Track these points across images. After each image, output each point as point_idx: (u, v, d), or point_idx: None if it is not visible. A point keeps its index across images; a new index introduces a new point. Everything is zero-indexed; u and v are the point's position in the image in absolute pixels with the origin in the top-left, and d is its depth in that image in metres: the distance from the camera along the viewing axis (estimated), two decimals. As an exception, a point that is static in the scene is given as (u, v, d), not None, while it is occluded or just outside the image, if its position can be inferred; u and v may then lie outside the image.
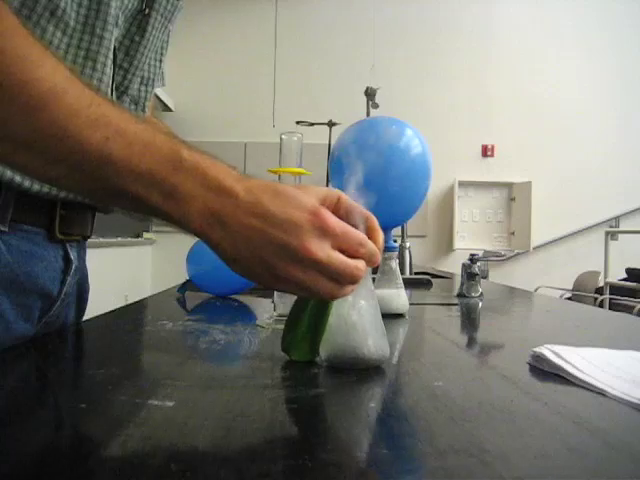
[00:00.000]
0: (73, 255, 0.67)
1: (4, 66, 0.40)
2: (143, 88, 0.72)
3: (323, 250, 0.43)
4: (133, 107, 0.72)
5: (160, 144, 0.44)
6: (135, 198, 0.43)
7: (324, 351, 0.51)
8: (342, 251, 0.44)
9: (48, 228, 0.62)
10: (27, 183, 0.57)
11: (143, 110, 0.73)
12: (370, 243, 0.46)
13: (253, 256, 0.43)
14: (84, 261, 0.74)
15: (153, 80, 0.74)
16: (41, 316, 0.64)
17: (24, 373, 0.53)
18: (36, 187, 0.58)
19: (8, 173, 0.55)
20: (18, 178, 0.56)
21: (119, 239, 3.88)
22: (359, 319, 0.51)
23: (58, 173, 0.44)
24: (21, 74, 0.41)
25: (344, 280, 0.44)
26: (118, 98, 0.68)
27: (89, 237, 0.73)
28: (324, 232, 0.43)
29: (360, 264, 0.45)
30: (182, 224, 0.44)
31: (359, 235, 0.46)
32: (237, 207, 0.43)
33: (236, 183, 0.44)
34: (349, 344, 0.50)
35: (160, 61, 0.74)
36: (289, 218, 0.43)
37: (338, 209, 0.48)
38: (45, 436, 0.34)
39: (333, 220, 0.44)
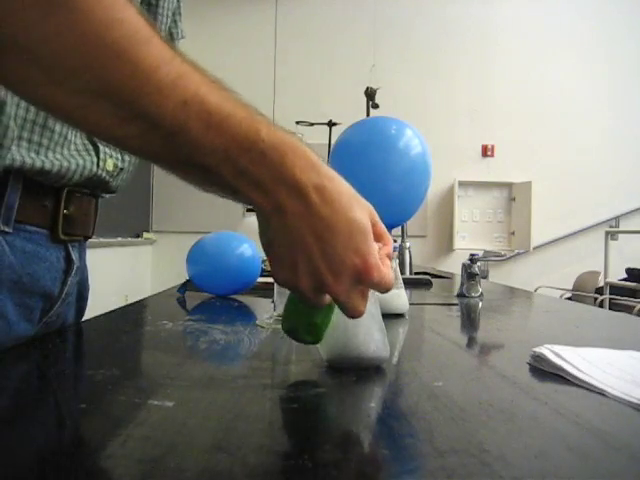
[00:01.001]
0: (75, 255, 0.67)
1: (87, 4, 0.36)
2: None
3: (377, 252, 0.43)
4: None
5: (240, 119, 0.41)
6: (205, 170, 0.41)
7: (325, 351, 0.51)
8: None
9: (51, 229, 0.62)
10: (38, 163, 0.57)
11: None
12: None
13: (301, 264, 0.42)
14: (85, 261, 0.74)
15: (174, 39, 0.74)
16: (42, 316, 0.64)
17: (24, 373, 0.53)
18: (47, 166, 0.57)
19: (17, 158, 0.55)
20: (29, 160, 0.56)
21: (119, 239, 3.88)
22: (360, 319, 0.51)
23: (129, 132, 0.40)
24: (105, 13, 0.37)
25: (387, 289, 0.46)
26: None
27: (91, 237, 0.73)
28: (378, 237, 0.45)
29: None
30: (248, 201, 0.42)
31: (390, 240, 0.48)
32: (305, 211, 0.41)
33: (310, 181, 0.41)
34: (350, 344, 0.50)
35: (179, 15, 0.75)
36: (353, 230, 0.42)
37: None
38: (45, 436, 0.34)
39: (381, 226, 0.46)
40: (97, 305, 0.82)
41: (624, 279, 3.83)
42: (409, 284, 1.16)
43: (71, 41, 0.36)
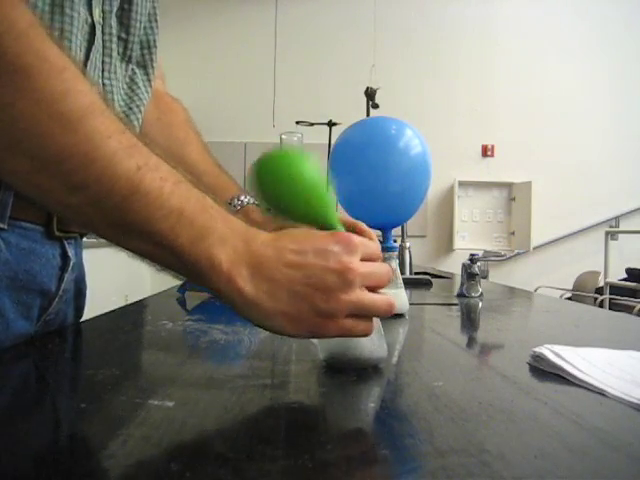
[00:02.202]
0: (71, 252, 0.67)
1: (45, 74, 0.38)
2: (146, 52, 0.72)
3: (360, 263, 0.43)
4: (142, 72, 0.71)
5: (191, 185, 0.42)
6: (159, 237, 0.40)
7: (322, 351, 0.51)
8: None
9: (46, 225, 0.62)
10: None
11: (151, 75, 0.73)
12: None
13: (296, 302, 0.41)
14: (81, 258, 0.73)
15: (154, 42, 0.73)
16: (40, 314, 0.64)
17: (24, 373, 0.53)
18: None
19: None
20: None
21: (119, 239, 3.88)
22: None
23: (79, 201, 0.39)
24: (61, 84, 0.38)
25: (386, 281, 0.45)
26: (126, 66, 0.68)
27: (87, 234, 0.72)
28: (352, 248, 0.43)
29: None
30: (207, 272, 0.41)
31: (375, 244, 0.47)
32: (269, 251, 0.42)
33: (259, 231, 0.43)
34: (348, 344, 0.50)
35: (155, 21, 0.74)
36: (320, 247, 0.42)
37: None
38: (45, 436, 0.34)
39: (353, 235, 0.44)
40: (97, 305, 0.82)
41: (624, 279, 3.83)
42: (409, 284, 1.16)
43: (24, 108, 0.37)
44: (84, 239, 0.73)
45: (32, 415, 0.38)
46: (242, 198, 0.71)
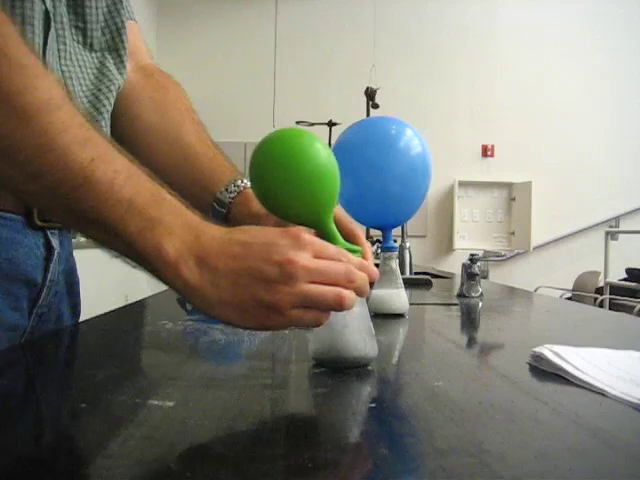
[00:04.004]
0: (55, 242, 0.66)
1: (5, 70, 0.40)
2: (115, 35, 0.70)
3: (306, 258, 0.43)
4: (114, 55, 0.70)
5: (145, 179, 0.44)
6: (110, 226, 0.42)
7: (312, 350, 0.51)
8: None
9: (27, 215, 0.61)
10: None
11: (124, 56, 0.71)
12: (349, 255, 0.46)
13: (239, 292, 0.42)
14: (69, 250, 0.72)
15: (122, 24, 0.71)
16: (31, 306, 0.64)
17: (24, 373, 0.53)
18: None
19: None
20: None
21: (119, 239, 3.88)
22: (347, 319, 0.50)
23: (36, 189, 0.43)
24: (20, 80, 0.41)
25: (341, 280, 0.44)
26: (91, 53, 0.67)
27: None
28: (301, 244, 0.43)
29: (352, 268, 0.45)
30: (154, 261, 0.43)
31: (338, 248, 0.46)
32: (216, 244, 0.43)
33: (212, 225, 0.44)
34: (338, 343, 0.50)
35: (120, 3, 0.71)
36: (266, 240, 0.43)
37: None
38: (45, 436, 0.34)
39: (306, 233, 0.44)
40: (97, 305, 0.82)
41: (624, 279, 3.83)
42: (409, 284, 1.16)
43: None
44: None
45: (32, 415, 0.38)
46: (239, 183, 0.69)
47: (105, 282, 3.03)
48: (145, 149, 0.71)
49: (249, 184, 0.69)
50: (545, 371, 0.50)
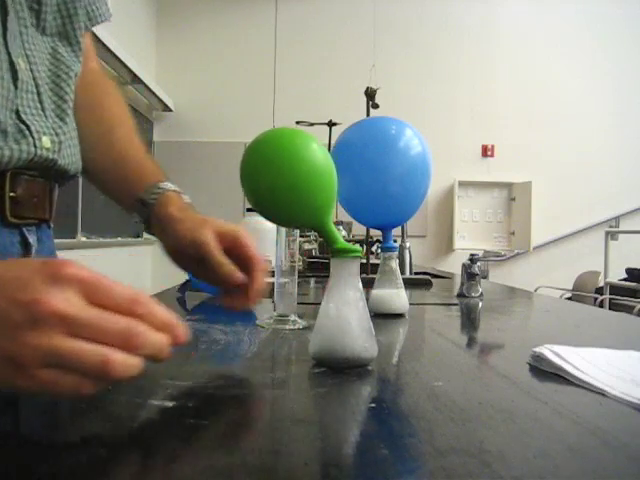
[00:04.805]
0: (32, 239, 0.65)
1: None
2: (67, 21, 0.69)
3: (65, 300, 0.33)
4: (65, 43, 0.69)
5: None
6: None
7: (312, 349, 0.51)
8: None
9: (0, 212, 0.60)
10: None
11: (76, 46, 0.70)
12: (148, 306, 0.36)
13: None
14: (50, 247, 0.71)
15: (74, 10, 0.70)
16: None
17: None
18: None
19: None
20: None
21: (119, 239, 3.88)
22: (346, 319, 0.50)
23: None
24: None
25: (116, 339, 0.33)
26: (43, 37, 0.66)
27: (49, 220, 0.70)
28: (62, 280, 0.33)
29: (136, 322, 0.34)
30: None
31: (133, 292, 0.35)
32: None
33: None
34: (337, 343, 0.50)
35: None
36: (17, 275, 0.33)
37: (235, 247, 0.50)
38: (45, 436, 0.34)
39: (75, 266, 0.34)
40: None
41: (624, 279, 3.83)
42: (409, 284, 1.16)
43: None
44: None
45: (32, 415, 0.38)
46: (162, 185, 0.71)
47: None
48: (85, 150, 0.72)
49: (172, 187, 0.72)
50: (545, 371, 0.50)
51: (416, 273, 1.81)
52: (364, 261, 1.53)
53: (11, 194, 0.61)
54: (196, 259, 0.64)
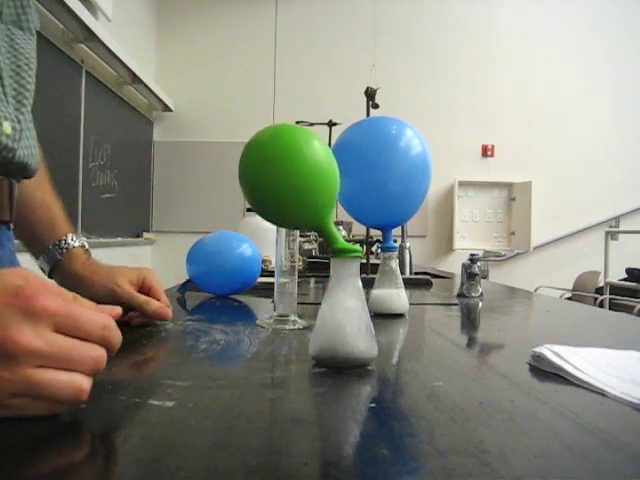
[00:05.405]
0: None
1: None
2: (20, 11, 0.69)
3: (37, 335, 0.33)
4: (20, 33, 0.68)
5: None
6: None
7: (312, 349, 0.51)
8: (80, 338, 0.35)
9: None
10: None
11: (30, 37, 0.70)
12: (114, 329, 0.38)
13: None
14: (9, 249, 0.70)
15: (27, 2, 0.70)
16: None
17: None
18: None
19: None
20: None
21: (119, 239, 3.88)
22: (346, 319, 0.50)
23: None
24: None
25: (87, 367, 0.35)
26: (2, 25, 0.65)
27: (8, 222, 0.69)
28: (34, 314, 0.33)
29: (101, 349, 0.36)
30: None
31: (100, 317, 0.37)
32: None
33: None
34: (338, 343, 0.50)
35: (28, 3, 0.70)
36: None
37: (144, 285, 0.56)
38: (44, 436, 0.34)
39: (47, 297, 0.34)
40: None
41: (624, 279, 3.83)
42: (409, 284, 1.16)
43: None
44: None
45: (31, 414, 0.38)
46: (69, 241, 0.74)
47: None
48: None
49: (78, 243, 0.75)
50: (545, 371, 0.50)
51: (416, 273, 1.81)
52: (364, 261, 1.53)
53: None
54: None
